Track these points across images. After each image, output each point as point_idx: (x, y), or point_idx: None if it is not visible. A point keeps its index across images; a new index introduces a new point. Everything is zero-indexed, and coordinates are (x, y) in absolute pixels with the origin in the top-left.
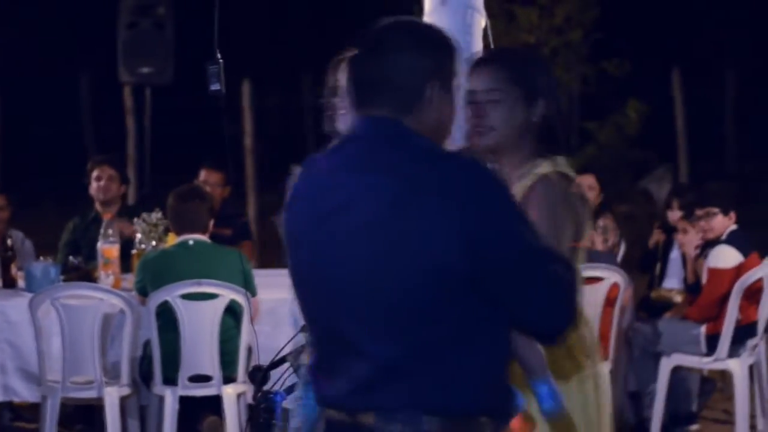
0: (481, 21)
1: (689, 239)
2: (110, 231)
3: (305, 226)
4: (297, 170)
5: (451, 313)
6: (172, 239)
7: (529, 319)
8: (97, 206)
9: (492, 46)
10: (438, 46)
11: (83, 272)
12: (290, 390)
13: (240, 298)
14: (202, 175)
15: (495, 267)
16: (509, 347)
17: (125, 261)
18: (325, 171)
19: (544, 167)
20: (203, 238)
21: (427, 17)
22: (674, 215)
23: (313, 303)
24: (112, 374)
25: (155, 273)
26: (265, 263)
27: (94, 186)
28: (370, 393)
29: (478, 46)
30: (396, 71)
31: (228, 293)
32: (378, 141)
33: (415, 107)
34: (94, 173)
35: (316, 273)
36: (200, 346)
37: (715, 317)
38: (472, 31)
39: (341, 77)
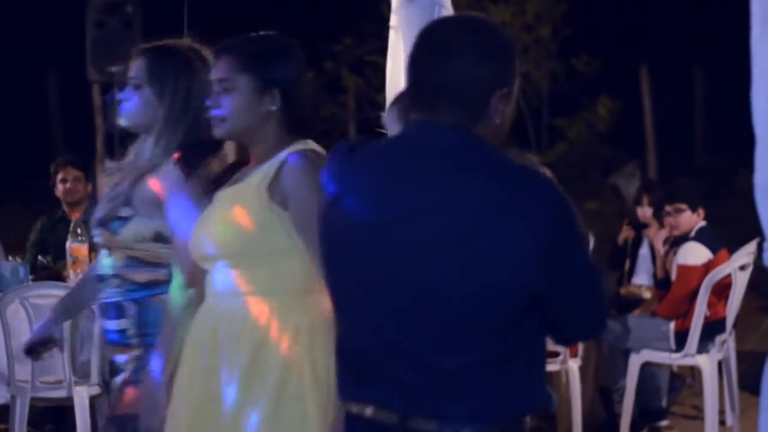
0: None
1: (658, 234)
2: (79, 230)
3: (361, 229)
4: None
5: (515, 327)
6: None
7: (570, 329)
8: (64, 206)
9: None
10: (506, 53)
11: (52, 271)
12: None
13: None
14: None
15: (562, 285)
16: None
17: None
18: (385, 174)
19: (291, 149)
20: None
21: (395, 13)
22: (644, 211)
23: (354, 302)
24: (81, 373)
25: None
26: None
27: (60, 188)
28: (430, 400)
29: None
30: (465, 79)
31: None
32: (449, 151)
33: (483, 115)
34: (59, 175)
35: (367, 276)
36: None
37: (684, 313)
38: None
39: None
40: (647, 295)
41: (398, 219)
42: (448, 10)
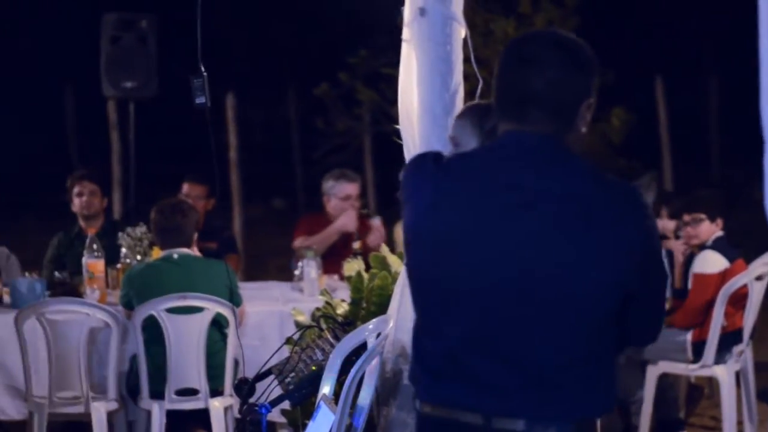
0: (461, 31)
1: (677, 245)
2: (95, 245)
3: (463, 232)
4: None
5: (608, 328)
6: (157, 253)
7: (640, 332)
8: (81, 221)
9: (472, 56)
10: (591, 65)
11: (69, 287)
12: (275, 402)
13: (226, 311)
14: (185, 188)
15: (649, 287)
16: None
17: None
18: (484, 182)
19: None
20: (188, 251)
21: (407, 27)
22: (663, 224)
23: (446, 303)
24: (98, 389)
25: (141, 287)
26: (250, 276)
27: (76, 202)
28: (518, 399)
29: (458, 57)
30: (558, 90)
31: (213, 306)
32: (546, 157)
33: (573, 124)
34: (75, 189)
35: (465, 277)
36: (187, 360)
37: (700, 324)
38: (451, 41)
39: None
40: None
41: (503, 221)
42: (460, 23)
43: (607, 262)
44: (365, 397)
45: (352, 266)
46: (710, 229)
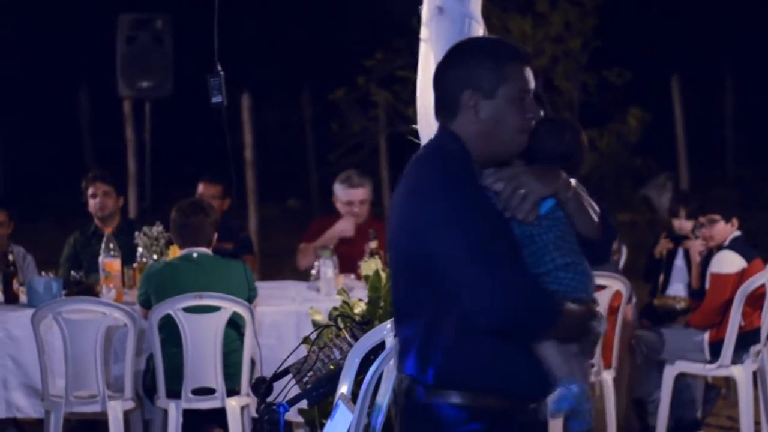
0: (479, 30)
1: (695, 245)
2: (111, 245)
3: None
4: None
5: (421, 290)
6: (174, 252)
7: (466, 300)
8: (96, 221)
9: None
10: (479, 58)
11: (85, 286)
12: (293, 401)
13: (242, 311)
14: (200, 188)
15: (442, 263)
16: None
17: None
18: None
19: None
20: (207, 251)
21: (425, 27)
22: (681, 223)
23: None
24: (115, 388)
25: (159, 285)
26: (266, 276)
27: (90, 203)
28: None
29: None
30: (441, 83)
31: (230, 306)
32: (428, 148)
33: (456, 115)
34: (89, 191)
35: None
36: (203, 359)
37: (718, 324)
38: None
39: None
40: (681, 305)
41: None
42: (478, 23)
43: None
44: (383, 397)
45: (370, 265)
46: (726, 230)
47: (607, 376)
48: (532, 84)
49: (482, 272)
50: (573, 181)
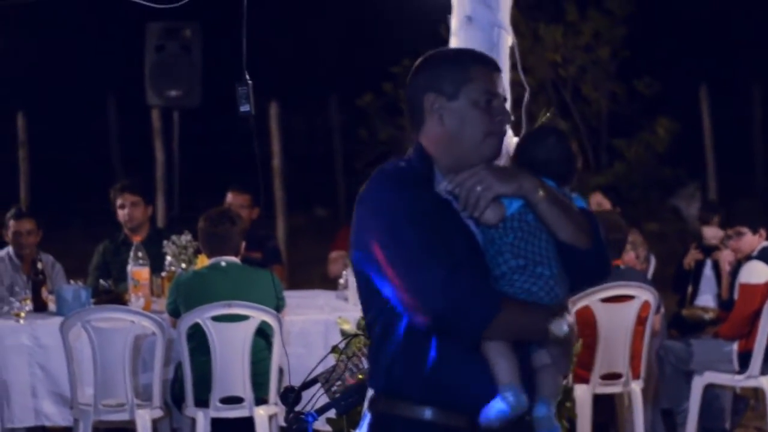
0: (508, 39)
1: (725, 255)
2: (140, 253)
3: None
4: None
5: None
6: (202, 261)
7: (402, 299)
8: (126, 231)
9: (519, 64)
10: (440, 62)
11: (114, 295)
12: (322, 411)
13: (271, 320)
14: (229, 197)
15: (373, 264)
16: None
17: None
18: None
19: None
20: (235, 260)
21: (454, 36)
22: (714, 231)
23: None
24: (143, 397)
25: (188, 294)
26: (294, 285)
27: (119, 214)
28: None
29: (505, 65)
30: (408, 92)
31: (258, 315)
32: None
33: (423, 123)
34: (117, 201)
35: None
36: (232, 368)
37: (747, 334)
38: (499, 49)
39: None
40: (709, 316)
41: None
42: (507, 31)
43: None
44: None
45: None
46: (754, 241)
47: (636, 387)
48: (501, 89)
49: (412, 271)
50: (550, 185)
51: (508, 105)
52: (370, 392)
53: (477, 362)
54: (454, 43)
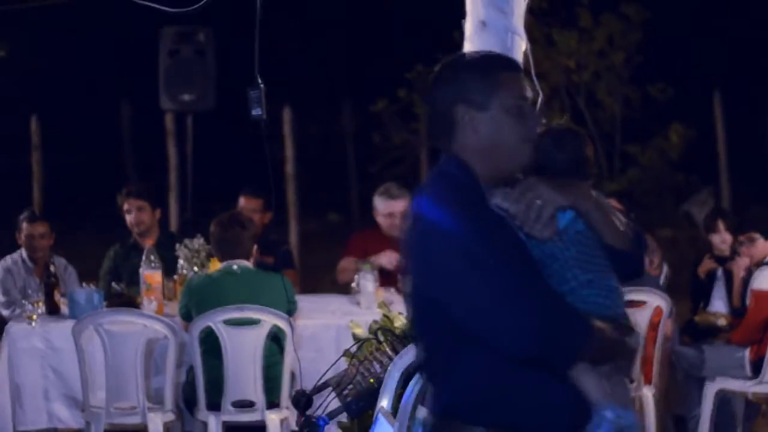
0: (522, 44)
1: (739, 262)
2: (152, 257)
3: None
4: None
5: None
6: (214, 265)
7: (490, 338)
8: (135, 236)
9: (532, 70)
10: (467, 71)
11: (126, 298)
12: (333, 415)
13: (283, 324)
14: (241, 201)
15: (451, 291)
16: None
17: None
18: None
19: None
20: (247, 263)
21: (468, 42)
22: (723, 237)
23: None
24: (155, 400)
25: (200, 298)
26: (306, 289)
27: (127, 219)
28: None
29: None
30: (432, 105)
31: (271, 319)
32: (431, 178)
33: (454, 135)
34: (125, 206)
35: None
36: (244, 372)
37: (759, 340)
38: (512, 54)
39: None
40: (722, 322)
41: None
42: (521, 37)
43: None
44: (424, 411)
45: None
46: (766, 247)
47: (648, 392)
48: (530, 93)
49: (504, 298)
50: (593, 192)
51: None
52: (427, 416)
53: (554, 385)
54: (468, 48)
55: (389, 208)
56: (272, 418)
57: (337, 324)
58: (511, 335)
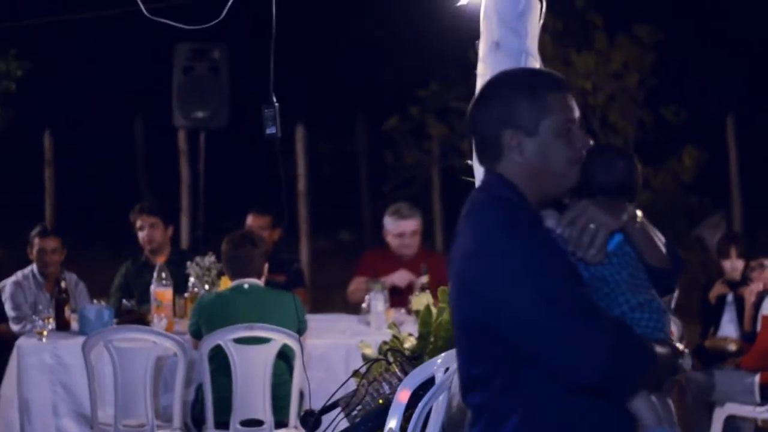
0: (536, 65)
1: (750, 287)
2: (163, 274)
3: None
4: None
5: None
6: (225, 283)
7: (554, 368)
8: (147, 253)
9: None
10: (513, 92)
11: (136, 315)
12: None
13: (292, 343)
14: (249, 219)
15: (514, 321)
16: None
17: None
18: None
19: None
20: (258, 282)
21: (482, 62)
22: (733, 263)
23: None
24: (164, 417)
25: (210, 316)
26: (317, 308)
27: (139, 235)
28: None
29: None
30: (478, 125)
31: (280, 338)
32: (477, 189)
33: (501, 158)
34: (137, 223)
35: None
36: (252, 391)
37: None
38: None
39: None
40: (732, 347)
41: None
42: (535, 58)
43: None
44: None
45: (421, 300)
46: None
47: None
48: (577, 112)
49: (564, 325)
50: (639, 212)
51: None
52: None
53: (612, 413)
54: (482, 69)
55: (399, 228)
56: None
57: (346, 344)
58: (575, 360)
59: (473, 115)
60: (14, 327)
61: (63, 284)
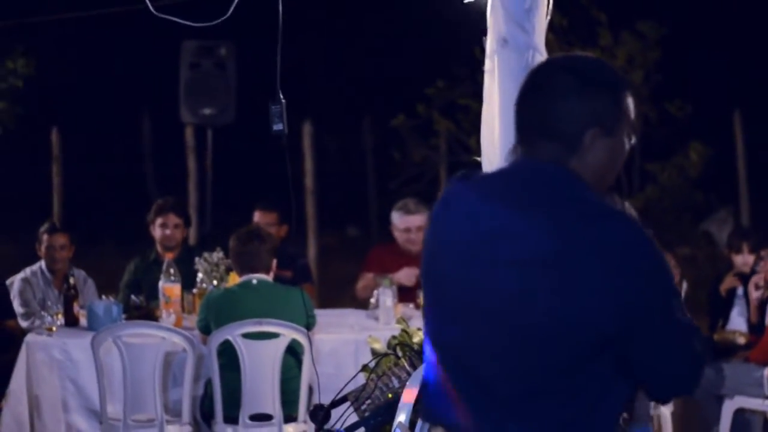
0: None
1: (753, 279)
2: (172, 270)
3: (453, 247)
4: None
5: (582, 365)
6: (234, 279)
7: (654, 383)
8: (159, 248)
9: None
10: (600, 90)
11: (145, 311)
12: (351, 429)
13: (301, 338)
14: (256, 216)
15: (638, 333)
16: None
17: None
18: (484, 198)
19: None
20: (266, 277)
21: (489, 59)
22: (744, 258)
23: (444, 324)
24: (173, 412)
25: (219, 311)
26: (324, 304)
27: (158, 232)
28: (494, 425)
29: None
30: (557, 117)
31: (289, 332)
32: (541, 183)
33: (575, 153)
34: (159, 220)
35: (453, 293)
36: (261, 385)
37: None
38: None
39: None
40: (741, 340)
41: (488, 238)
42: (542, 55)
43: (576, 295)
44: None
45: None
46: None
47: (666, 411)
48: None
49: (684, 344)
50: (627, 204)
51: None
52: None
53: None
54: (489, 66)
55: (405, 223)
56: None
57: (355, 339)
58: (684, 381)
59: (547, 100)
60: (23, 323)
61: (71, 280)
